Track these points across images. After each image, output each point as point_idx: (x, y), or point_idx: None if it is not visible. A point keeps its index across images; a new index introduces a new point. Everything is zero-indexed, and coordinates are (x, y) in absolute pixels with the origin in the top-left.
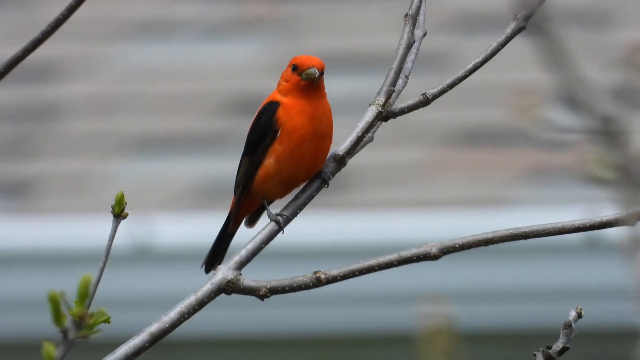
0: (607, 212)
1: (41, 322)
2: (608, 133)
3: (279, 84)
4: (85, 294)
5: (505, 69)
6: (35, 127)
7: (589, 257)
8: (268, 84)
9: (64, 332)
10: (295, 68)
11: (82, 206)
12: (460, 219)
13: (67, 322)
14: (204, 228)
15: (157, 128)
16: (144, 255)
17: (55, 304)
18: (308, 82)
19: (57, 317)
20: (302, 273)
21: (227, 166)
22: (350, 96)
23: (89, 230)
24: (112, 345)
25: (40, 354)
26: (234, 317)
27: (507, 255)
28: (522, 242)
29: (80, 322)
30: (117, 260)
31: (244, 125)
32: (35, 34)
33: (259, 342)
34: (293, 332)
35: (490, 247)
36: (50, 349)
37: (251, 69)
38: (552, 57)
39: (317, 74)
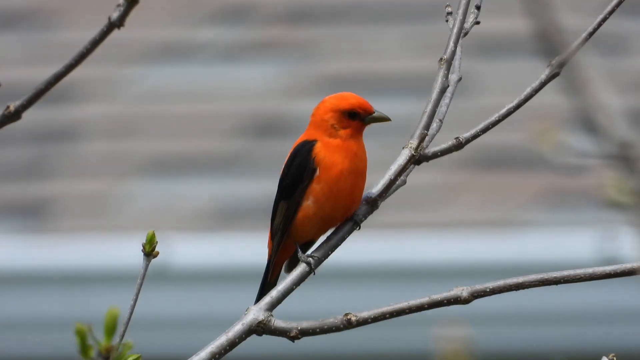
0: (626, 244)
1: (56, 342)
2: (625, 158)
3: (314, 127)
4: (113, 328)
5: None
6: (53, 148)
7: (609, 280)
8: (284, 107)
9: None
10: (354, 115)
11: (99, 227)
12: (477, 242)
13: (94, 354)
14: (221, 249)
15: (174, 150)
16: (161, 276)
17: (82, 337)
18: (368, 124)
19: (84, 350)
20: (323, 292)
21: (244, 188)
22: None
23: (106, 251)
24: None
25: None
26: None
27: None
28: (543, 264)
29: (107, 356)
30: (134, 280)
31: (261, 147)
32: (52, 56)
33: None
34: (310, 351)
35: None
36: None
37: (268, 91)
38: (570, 81)
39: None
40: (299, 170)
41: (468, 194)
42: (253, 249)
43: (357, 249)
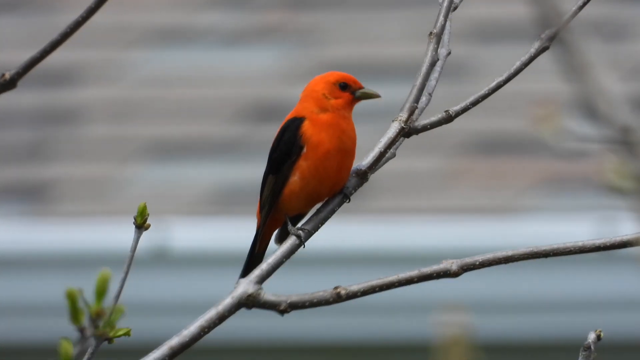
0: (626, 228)
1: (57, 326)
2: (626, 143)
3: (305, 99)
4: (103, 291)
5: (524, 79)
6: (54, 132)
7: (605, 268)
8: (285, 91)
9: (81, 330)
10: (345, 86)
11: (100, 210)
12: (477, 227)
13: (85, 320)
14: (220, 233)
15: (175, 134)
16: (160, 259)
17: (73, 301)
18: (359, 101)
19: (75, 314)
20: (318, 277)
21: (244, 172)
22: (366, 105)
23: (106, 234)
24: (126, 350)
25: (58, 357)
26: (250, 324)
27: (524, 266)
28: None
29: (97, 319)
30: (133, 263)
31: (261, 132)
32: (54, 37)
33: (274, 349)
34: (309, 339)
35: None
36: (67, 347)
37: (268, 76)
38: (571, 67)
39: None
40: (287, 146)
41: (468, 180)
42: (252, 233)
43: (355, 233)
